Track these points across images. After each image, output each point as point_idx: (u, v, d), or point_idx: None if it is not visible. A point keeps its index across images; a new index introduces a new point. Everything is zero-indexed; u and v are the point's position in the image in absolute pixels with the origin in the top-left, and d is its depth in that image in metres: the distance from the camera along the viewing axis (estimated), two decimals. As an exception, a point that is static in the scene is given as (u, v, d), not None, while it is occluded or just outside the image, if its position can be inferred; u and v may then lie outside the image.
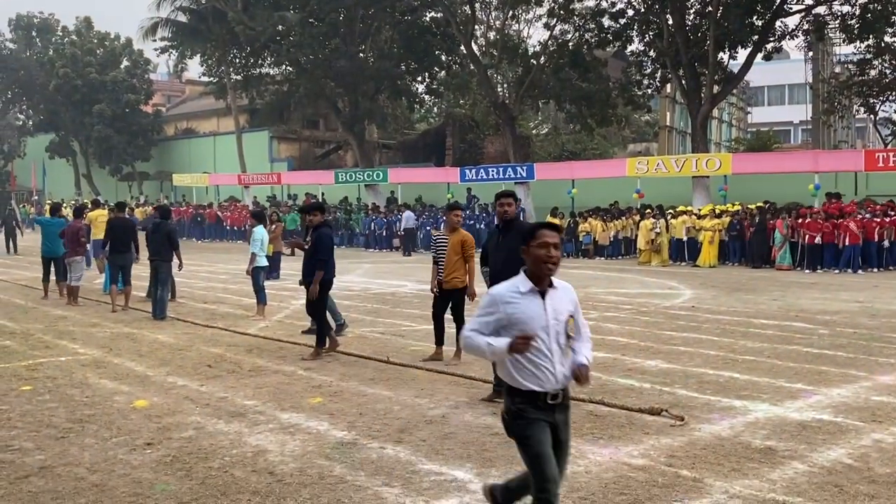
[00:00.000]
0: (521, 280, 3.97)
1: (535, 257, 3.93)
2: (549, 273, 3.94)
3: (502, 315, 3.89)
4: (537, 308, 3.91)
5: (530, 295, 3.92)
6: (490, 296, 4.00)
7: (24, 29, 55.89)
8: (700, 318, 12.85)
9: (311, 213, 10.10)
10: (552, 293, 3.98)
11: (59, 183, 56.16)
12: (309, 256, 9.81)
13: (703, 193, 26.05)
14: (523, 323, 3.86)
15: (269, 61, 40.65)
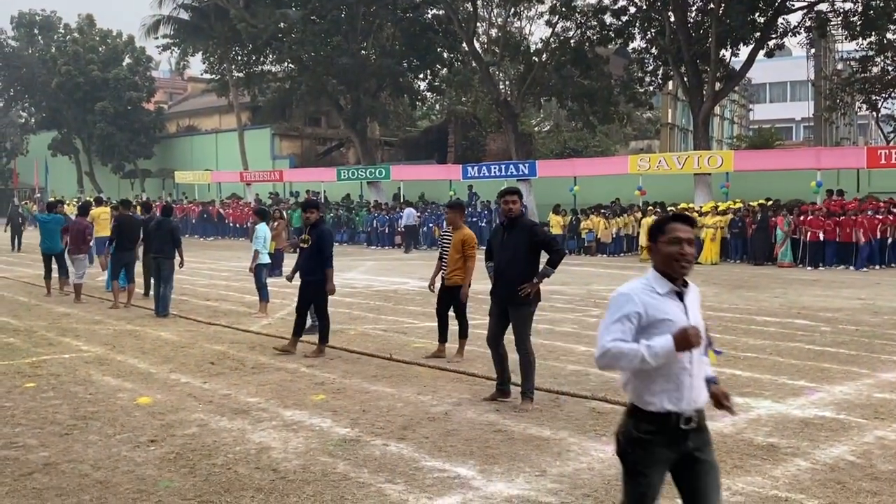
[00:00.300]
0: (656, 279, 3.38)
1: (667, 255, 3.35)
2: (683, 273, 3.35)
3: (640, 310, 3.28)
4: (679, 311, 3.32)
5: (669, 297, 3.34)
6: (623, 295, 3.34)
7: (26, 26, 55.94)
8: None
9: (307, 211, 10.02)
10: (688, 294, 3.41)
11: (62, 180, 56.23)
12: (310, 254, 9.73)
13: (704, 191, 26.03)
14: (666, 327, 3.24)
15: (271, 58, 40.69)
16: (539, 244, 7.20)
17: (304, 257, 9.82)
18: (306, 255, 9.78)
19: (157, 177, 51.42)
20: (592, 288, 16.70)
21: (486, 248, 7.80)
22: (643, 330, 3.26)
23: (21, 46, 56.01)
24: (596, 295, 15.53)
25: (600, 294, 15.70)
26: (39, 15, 56.34)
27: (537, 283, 7.13)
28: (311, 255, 9.71)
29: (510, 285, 7.13)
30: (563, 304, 14.17)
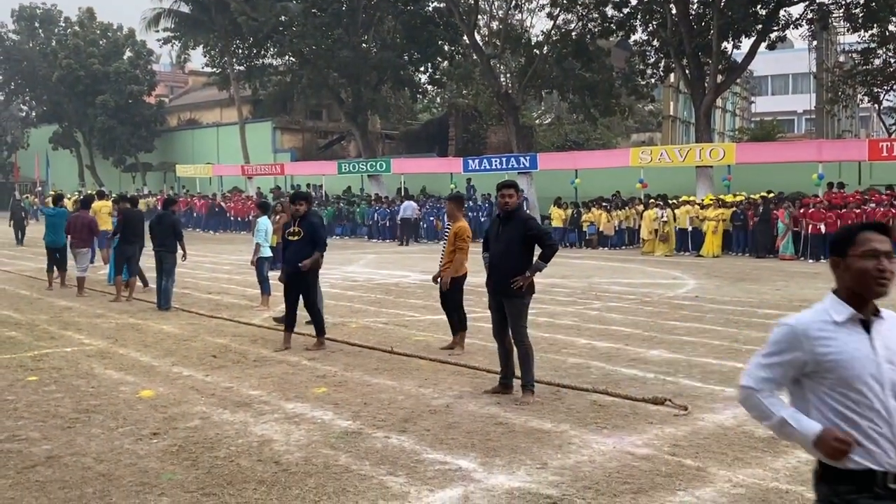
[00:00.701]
0: (833, 304, 2.76)
1: (860, 272, 2.70)
2: (880, 294, 2.71)
3: (806, 358, 2.71)
4: (862, 346, 2.68)
5: (850, 327, 2.70)
6: (787, 327, 2.78)
7: (26, 20, 55.83)
8: (704, 307, 12.86)
9: (297, 203, 9.87)
10: (879, 324, 2.73)
11: (63, 174, 56.23)
12: (300, 246, 9.54)
13: (706, 183, 26.01)
14: (842, 369, 2.66)
15: (272, 52, 40.64)
16: (532, 238, 7.23)
17: (292, 250, 9.59)
18: (296, 248, 9.58)
19: (159, 170, 51.42)
20: (594, 281, 16.70)
21: (483, 239, 7.88)
22: (810, 375, 2.72)
23: (22, 40, 55.92)
24: (597, 288, 15.54)
25: (601, 287, 15.71)
26: (40, 8, 56.23)
27: (530, 276, 7.16)
28: (302, 247, 9.54)
29: (503, 277, 7.19)
30: (564, 297, 14.17)
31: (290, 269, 9.54)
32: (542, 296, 12.90)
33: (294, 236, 9.60)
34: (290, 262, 9.58)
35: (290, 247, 9.65)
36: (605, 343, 9.80)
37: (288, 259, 9.69)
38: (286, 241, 9.76)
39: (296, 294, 9.67)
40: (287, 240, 9.72)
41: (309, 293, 9.71)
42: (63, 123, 54.86)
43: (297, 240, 9.58)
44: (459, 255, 9.16)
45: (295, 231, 9.60)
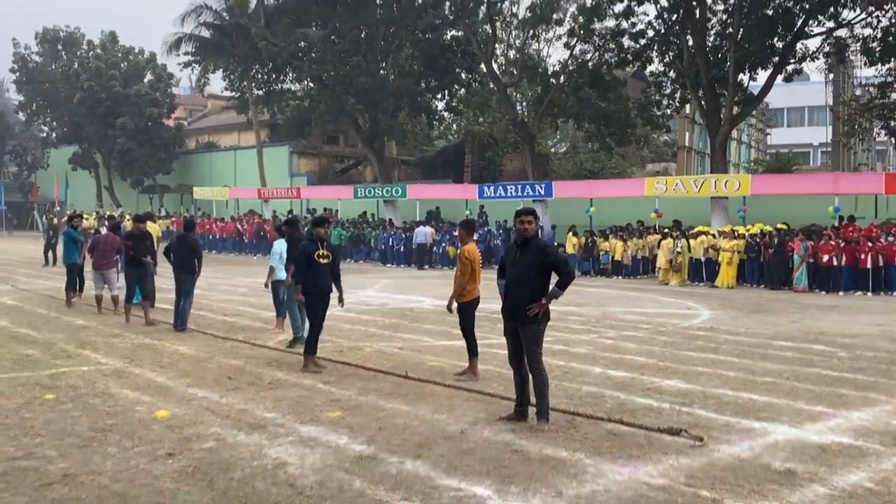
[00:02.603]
0: None
1: None
2: None
3: None
4: None
5: None
6: None
7: (50, 42, 56.63)
8: (719, 338, 12.80)
9: (323, 226, 10.27)
10: None
11: (81, 194, 56.73)
12: (328, 270, 9.89)
13: (721, 214, 25.97)
14: None
15: (291, 77, 41.02)
16: (550, 265, 7.26)
17: (322, 273, 9.84)
18: (326, 270, 9.87)
19: (176, 192, 51.80)
20: (608, 309, 16.66)
21: (499, 265, 7.91)
22: None
23: (45, 62, 56.69)
24: (612, 316, 15.49)
25: (616, 316, 15.66)
26: (63, 31, 57.02)
27: (545, 303, 7.19)
28: (331, 269, 9.93)
29: (519, 303, 7.23)
30: (579, 325, 14.15)
31: (322, 292, 9.83)
32: (558, 323, 12.90)
33: (324, 259, 9.87)
34: (321, 285, 9.82)
35: (320, 269, 9.83)
36: (621, 372, 9.78)
37: (319, 282, 9.83)
38: (314, 264, 9.84)
39: (324, 315, 9.92)
40: (317, 262, 9.84)
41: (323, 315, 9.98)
42: (83, 144, 55.44)
43: (327, 262, 9.90)
44: (461, 278, 9.19)
45: (324, 254, 9.88)
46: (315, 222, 10.43)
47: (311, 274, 9.79)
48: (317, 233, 10.11)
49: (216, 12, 42.21)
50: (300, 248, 10.08)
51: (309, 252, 9.84)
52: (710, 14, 28.36)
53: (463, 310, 9.31)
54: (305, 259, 9.84)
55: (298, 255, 9.99)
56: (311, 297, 9.77)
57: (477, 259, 9.33)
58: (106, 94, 49.87)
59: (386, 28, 37.59)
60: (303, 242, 10.23)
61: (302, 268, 9.84)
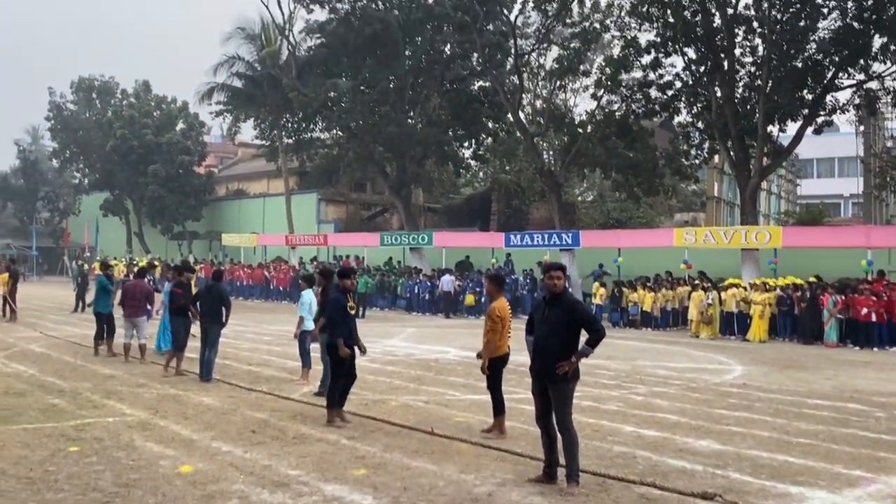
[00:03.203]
0: None
1: None
2: None
3: None
4: None
5: None
6: None
7: (85, 91, 57.97)
8: (752, 396, 12.52)
9: (350, 277, 10.29)
10: None
11: (111, 240, 57.46)
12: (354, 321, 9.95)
13: (752, 266, 25.66)
14: None
15: (321, 126, 41.55)
16: (580, 322, 7.14)
17: (353, 325, 9.81)
18: (354, 323, 9.86)
19: (205, 239, 52.30)
20: (638, 364, 16.41)
21: (527, 321, 7.78)
22: None
23: (79, 110, 57.96)
24: (642, 371, 15.24)
25: (646, 370, 15.40)
26: (98, 80, 58.33)
27: (575, 361, 7.05)
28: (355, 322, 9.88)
29: (547, 361, 7.11)
30: (608, 380, 13.92)
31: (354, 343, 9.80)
32: (586, 378, 12.67)
33: (352, 310, 9.91)
34: (354, 337, 9.81)
35: (351, 321, 9.81)
36: (652, 431, 9.56)
37: (353, 334, 9.80)
38: (347, 315, 9.77)
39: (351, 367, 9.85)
40: (348, 314, 9.80)
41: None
42: (114, 191, 56.31)
43: (355, 314, 9.93)
44: (491, 336, 9.02)
45: (352, 305, 9.94)
46: (342, 273, 10.39)
47: (346, 326, 9.73)
48: (343, 284, 10.07)
49: (248, 63, 43.14)
50: (334, 300, 9.93)
51: (344, 304, 9.78)
52: (739, 66, 28.37)
53: (493, 366, 9.14)
54: (342, 310, 9.75)
55: (333, 308, 9.82)
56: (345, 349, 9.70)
57: (508, 315, 9.11)
58: (138, 142, 50.77)
59: (414, 78, 38.05)
60: (333, 295, 10.10)
61: (338, 321, 9.70)
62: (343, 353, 9.60)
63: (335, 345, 9.60)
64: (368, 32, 35.89)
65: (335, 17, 37.98)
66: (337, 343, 9.58)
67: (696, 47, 28.37)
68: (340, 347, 9.59)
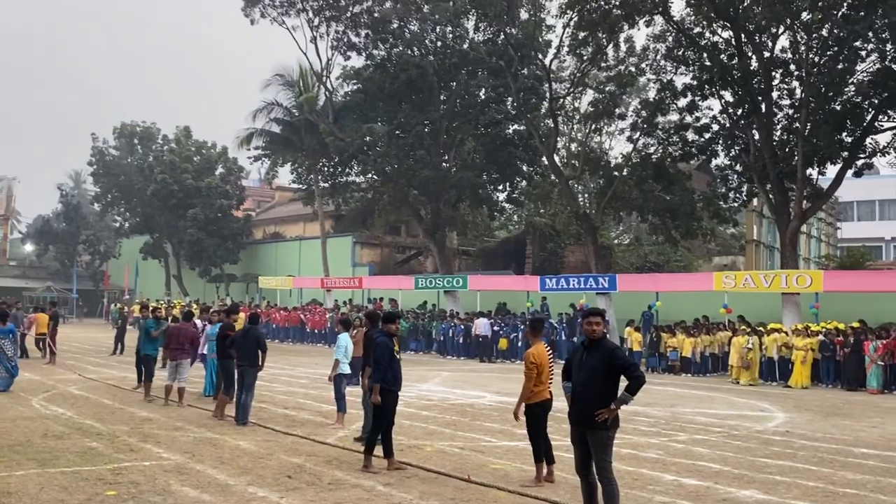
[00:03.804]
0: None
1: None
2: None
3: None
4: None
5: None
6: None
7: (126, 137, 59.21)
8: (795, 444, 12.21)
9: (395, 322, 10.25)
10: None
11: (150, 283, 58.19)
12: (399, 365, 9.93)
13: (793, 311, 25.23)
14: None
15: (356, 170, 41.94)
16: (619, 368, 7.03)
17: (398, 369, 9.75)
18: (399, 367, 9.81)
19: (242, 281, 52.72)
20: (678, 410, 16.11)
21: (564, 366, 7.69)
22: None
23: (121, 155, 59.14)
24: (682, 418, 14.94)
25: (686, 417, 15.11)
26: (140, 126, 59.58)
27: (615, 409, 6.93)
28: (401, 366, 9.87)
29: (585, 407, 7.02)
30: (647, 427, 13.67)
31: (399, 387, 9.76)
32: (625, 425, 12.45)
33: (398, 354, 9.90)
34: (400, 381, 9.76)
35: (397, 365, 9.76)
36: (693, 480, 9.33)
37: (398, 378, 9.75)
38: (391, 359, 9.69)
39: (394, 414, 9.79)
40: (394, 357, 9.76)
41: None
42: (154, 234, 57.19)
43: (401, 359, 9.91)
44: (525, 382, 8.91)
45: (398, 349, 9.96)
46: (387, 318, 10.34)
47: (392, 370, 9.65)
48: (388, 329, 10.02)
49: (287, 109, 43.95)
50: (380, 344, 9.77)
51: (391, 348, 9.72)
52: (777, 109, 28.19)
53: (530, 411, 9.01)
54: (389, 354, 9.66)
55: (379, 352, 9.67)
56: (391, 395, 9.62)
57: (544, 362, 8.98)
58: (178, 187, 51.60)
59: (449, 123, 38.35)
60: (379, 338, 9.93)
61: (383, 364, 9.59)
62: (374, 400, 9.50)
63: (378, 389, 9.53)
64: (404, 78, 36.38)
65: (371, 63, 38.59)
66: (373, 388, 9.52)
67: (732, 90, 28.25)
68: (374, 394, 9.51)
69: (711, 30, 28.49)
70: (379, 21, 37.47)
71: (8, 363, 17.10)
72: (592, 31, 29.40)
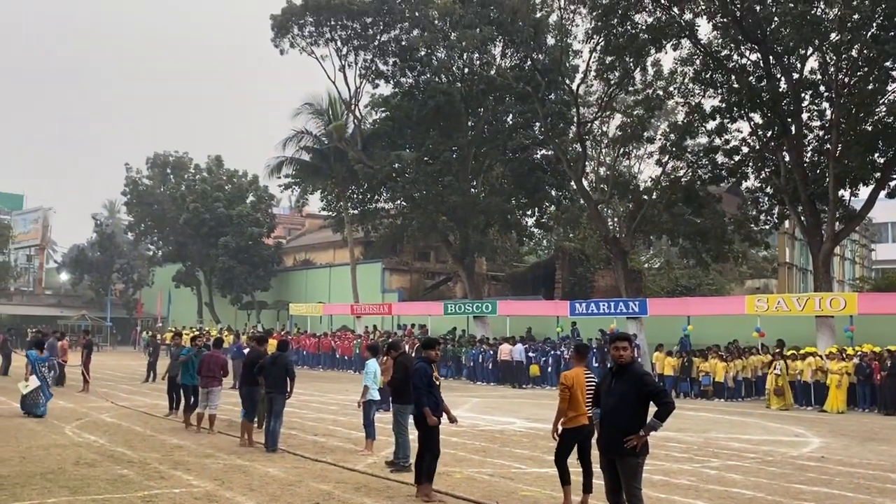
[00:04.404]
0: None
1: None
2: None
3: None
4: None
5: None
6: None
7: (160, 167, 60.12)
8: (831, 470, 11.97)
9: (436, 349, 10.24)
10: None
11: (183, 311, 58.78)
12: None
13: (827, 334, 24.84)
14: None
15: (385, 197, 42.20)
16: (648, 395, 6.96)
17: (435, 395, 9.68)
18: (439, 394, 9.75)
19: (273, 308, 53.11)
20: (710, 436, 15.88)
21: (594, 392, 7.62)
22: None
23: (154, 185, 60.03)
24: (715, 443, 14.73)
25: (719, 443, 14.89)
26: (172, 156, 60.49)
27: (644, 435, 6.85)
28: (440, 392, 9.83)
29: (614, 434, 6.96)
30: (679, 453, 13.48)
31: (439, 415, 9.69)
32: (657, 451, 12.31)
33: (438, 381, 9.85)
34: (439, 408, 9.71)
35: (436, 392, 9.72)
36: (726, 507, 9.19)
37: (437, 405, 9.70)
38: (431, 385, 9.65)
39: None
40: (434, 384, 9.73)
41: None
42: (186, 263, 57.85)
43: (440, 385, 9.87)
44: (560, 404, 8.83)
45: (437, 376, 9.90)
46: (426, 344, 10.34)
47: (431, 396, 9.61)
48: (428, 355, 10.02)
49: (316, 137, 44.44)
50: (419, 370, 9.76)
51: (430, 374, 9.71)
52: (807, 130, 27.97)
53: (562, 435, 8.86)
54: (428, 381, 9.64)
55: (419, 378, 9.65)
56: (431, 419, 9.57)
57: (578, 384, 8.79)
58: (210, 215, 52.25)
59: (477, 148, 38.52)
60: (419, 364, 9.92)
61: (423, 391, 9.56)
62: (431, 421, 9.44)
63: (423, 415, 9.48)
64: (432, 105, 36.64)
65: (399, 90, 38.94)
66: (424, 413, 9.47)
67: (761, 112, 28.09)
68: (428, 416, 9.44)
69: (739, 52, 28.38)
70: (406, 49, 37.88)
71: (48, 390, 17.50)
72: (619, 55, 29.45)
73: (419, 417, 9.53)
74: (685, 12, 28.03)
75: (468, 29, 35.05)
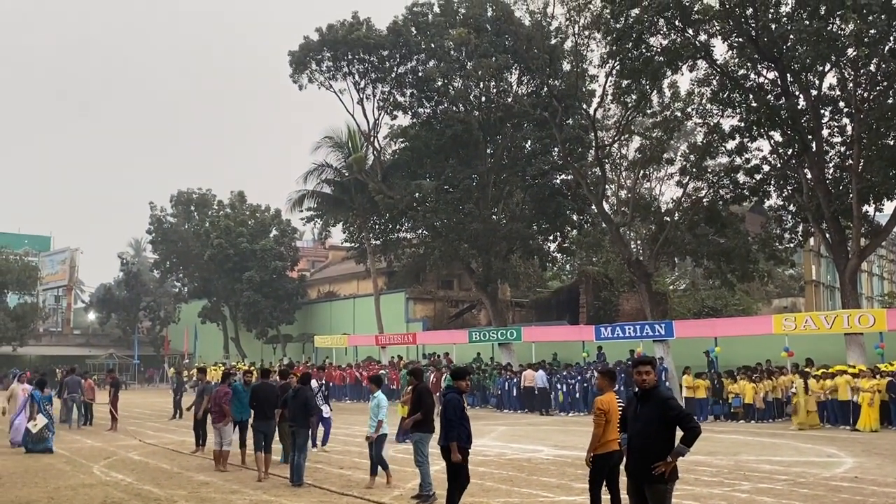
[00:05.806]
0: None
1: None
2: None
3: None
4: None
5: None
6: None
7: (184, 204, 60.77)
8: (865, 490, 11.74)
9: (466, 379, 10.20)
10: None
11: (209, 346, 59.06)
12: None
13: (857, 351, 24.45)
14: None
15: (407, 226, 42.37)
16: (673, 420, 6.87)
17: (467, 427, 9.57)
18: (469, 423, 9.64)
19: (298, 341, 53.25)
20: (741, 458, 15.63)
21: (620, 418, 7.55)
22: None
23: (178, 222, 60.66)
24: (745, 466, 14.49)
25: (750, 465, 14.65)
26: (196, 193, 61.12)
27: (671, 461, 6.76)
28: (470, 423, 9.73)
29: (641, 460, 6.88)
30: (709, 476, 13.27)
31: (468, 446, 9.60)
32: (686, 475, 12.13)
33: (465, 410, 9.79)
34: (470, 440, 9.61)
35: (468, 422, 9.61)
36: (758, 532, 9.01)
37: (471, 436, 9.63)
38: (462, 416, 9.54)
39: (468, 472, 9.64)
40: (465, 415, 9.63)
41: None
42: (212, 298, 58.22)
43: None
44: (595, 430, 8.71)
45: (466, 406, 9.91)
46: (456, 374, 10.29)
47: (464, 428, 9.50)
48: (458, 385, 9.95)
49: (336, 170, 44.83)
50: (451, 401, 9.62)
51: (462, 405, 9.62)
52: (828, 146, 27.79)
53: (594, 461, 8.73)
54: (460, 413, 9.52)
55: (450, 410, 9.50)
56: (464, 453, 9.46)
57: (612, 409, 8.57)
58: (234, 251, 52.65)
59: (496, 175, 38.63)
60: (449, 395, 9.77)
61: (455, 423, 9.42)
62: (455, 458, 9.32)
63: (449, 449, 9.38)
64: (450, 134, 36.87)
65: (417, 121, 39.23)
66: (450, 447, 9.36)
67: (781, 130, 27.93)
68: (454, 452, 9.33)
69: (756, 71, 28.32)
70: (423, 80, 38.20)
71: (52, 426, 18.54)
72: (635, 78, 29.45)
73: (446, 450, 9.42)
74: (700, 34, 28.01)
75: (484, 58, 35.31)
